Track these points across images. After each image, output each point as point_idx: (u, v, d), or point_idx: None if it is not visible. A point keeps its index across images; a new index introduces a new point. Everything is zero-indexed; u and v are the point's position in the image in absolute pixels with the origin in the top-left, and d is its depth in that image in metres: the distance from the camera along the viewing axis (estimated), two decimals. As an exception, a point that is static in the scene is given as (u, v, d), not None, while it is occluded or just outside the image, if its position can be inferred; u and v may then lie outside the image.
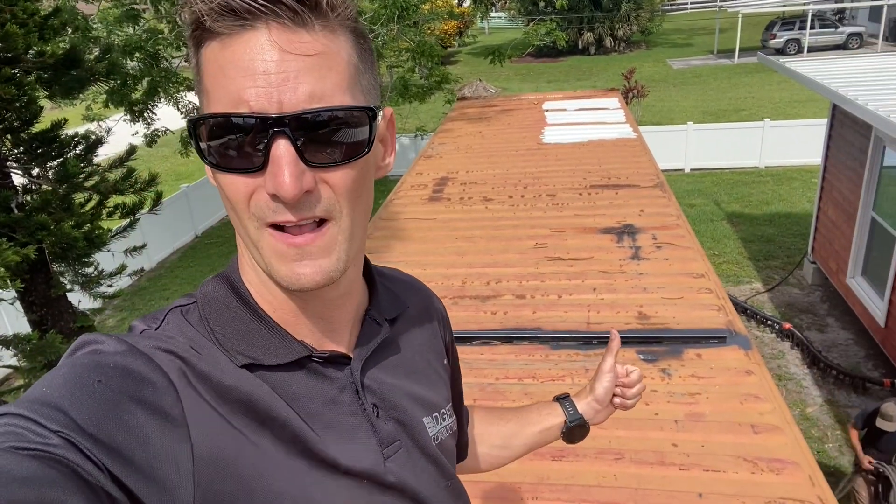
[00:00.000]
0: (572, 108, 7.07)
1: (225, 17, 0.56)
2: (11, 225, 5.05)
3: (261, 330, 0.67)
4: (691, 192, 11.72)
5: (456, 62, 28.30)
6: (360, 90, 0.63)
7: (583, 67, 26.09)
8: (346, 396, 0.71)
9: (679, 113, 17.17)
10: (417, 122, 12.91)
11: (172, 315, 0.67)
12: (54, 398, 0.51)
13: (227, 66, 0.57)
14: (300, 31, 0.57)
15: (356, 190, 0.63)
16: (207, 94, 0.60)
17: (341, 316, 0.73)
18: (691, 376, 2.44)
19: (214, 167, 0.60)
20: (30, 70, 5.16)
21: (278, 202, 0.58)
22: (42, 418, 0.49)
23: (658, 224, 3.82)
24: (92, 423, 0.50)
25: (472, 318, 2.96)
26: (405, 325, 0.83)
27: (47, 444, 0.47)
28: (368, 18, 9.74)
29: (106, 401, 0.52)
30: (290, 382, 0.67)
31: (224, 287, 0.70)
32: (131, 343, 0.59)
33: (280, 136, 0.57)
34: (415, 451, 0.77)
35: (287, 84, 0.56)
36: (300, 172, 0.57)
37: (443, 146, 5.98)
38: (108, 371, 0.55)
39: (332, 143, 0.60)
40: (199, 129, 0.60)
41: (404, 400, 0.77)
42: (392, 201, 4.57)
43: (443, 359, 0.90)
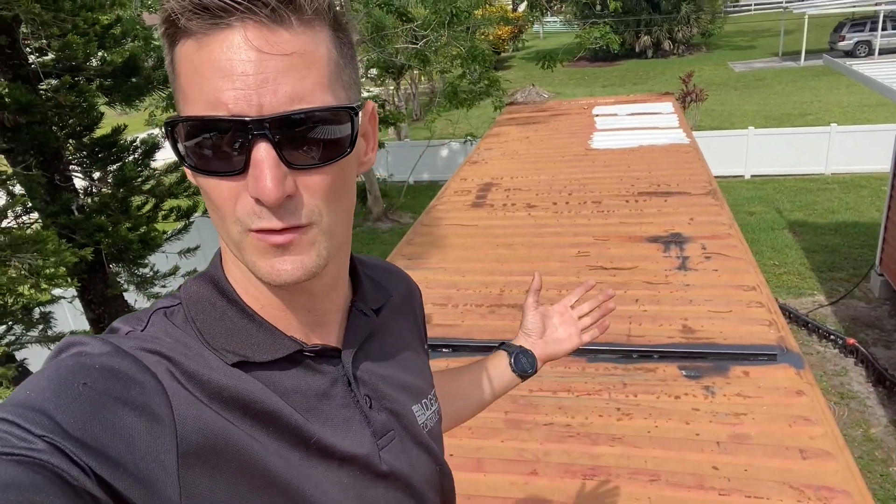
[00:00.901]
0: (623, 112, 6.90)
1: (199, 16, 0.54)
2: (71, 226, 5.27)
3: (249, 327, 0.67)
4: (751, 200, 11.29)
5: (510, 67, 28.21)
6: (342, 86, 0.61)
7: (639, 71, 25.59)
8: (338, 389, 0.71)
9: (740, 117, 16.61)
10: (468, 127, 12.90)
11: (156, 317, 0.66)
12: (38, 401, 0.50)
13: (204, 66, 0.55)
14: (278, 29, 0.55)
15: (338, 190, 0.62)
16: (184, 95, 0.58)
17: (329, 308, 0.72)
18: (737, 395, 2.31)
19: (195, 170, 0.59)
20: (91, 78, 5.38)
21: (262, 206, 0.57)
22: (26, 422, 0.48)
23: (708, 233, 3.66)
24: (77, 426, 0.50)
25: (508, 328, 2.89)
26: (390, 314, 0.84)
27: (31, 449, 0.47)
28: (419, 24, 9.80)
29: (91, 403, 0.52)
30: (281, 378, 0.67)
31: (208, 286, 0.69)
32: (116, 344, 0.58)
33: (261, 139, 0.55)
34: (407, 439, 0.77)
35: (266, 86, 0.54)
36: (282, 175, 0.56)
37: (489, 151, 5.93)
38: (93, 373, 0.54)
39: (313, 145, 0.58)
40: (177, 131, 0.58)
41: (395, 390, 0.78)
42: (434, 207, 4.55)
43: (424, 344, 0.92)
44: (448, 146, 13.82)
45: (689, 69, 16.40)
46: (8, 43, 4.91)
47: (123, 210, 5.73)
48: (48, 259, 4.33)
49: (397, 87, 16.93)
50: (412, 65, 11.05)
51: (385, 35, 10.32)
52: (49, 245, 4.35)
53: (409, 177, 13.62)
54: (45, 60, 5.15)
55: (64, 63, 5.07)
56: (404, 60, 10.88)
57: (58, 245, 4.41)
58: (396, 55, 10.67)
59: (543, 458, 2.10)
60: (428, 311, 3.08)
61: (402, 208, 12.51)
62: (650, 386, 2.43)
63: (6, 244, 4.28)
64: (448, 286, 3.32)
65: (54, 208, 5.28)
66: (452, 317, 3.02)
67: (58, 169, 5.53)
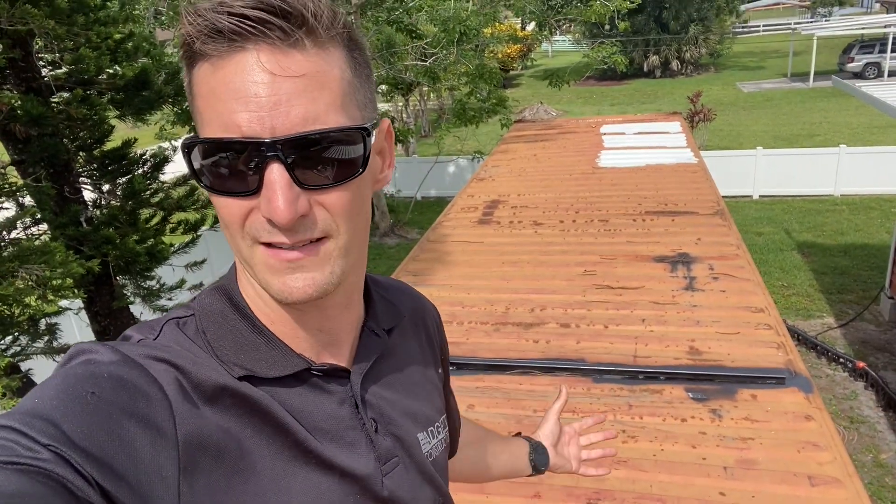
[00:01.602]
0: (631, 131, 6.90)
1: (214, 39, 0.55)
2: (79, 238, 5.29)
3: (259, 342, 0.67)
4: (759, 220, 11.24)
5: (518, 85, 28.35)
6: (356, 105, 0.61)
7: (647, 90, 25.65)
8: (345, 411, 0.70)
9: (748, 137, 16.58)
10: (476, 144, 12.94)
11: (168, 327, 0.66)
12: (46, 410, 0.50)
13: (218, 88, 0.56)
14: (291, 51, 0.56)
15: (353, 209, 0.63)
16: (200, 116, 0.59)
17: (340, 328, 0.72)
18: (744, 419, 2.28)
19: (209, 189, 0.60)
20: (102, 91, 5.43)
21: (273, 226, 0.58)
22: (33, 431, 0.48)
23: (716, 254, 3.64)
24: (84, 435, 0.50)
25: (513, 346, 2.87)
26: (402, 335, 0.83)
27: (37, 459, 0.47)
28: (429, 42, 9.87)
29: (99, 413, 0.52)
30: (288, 396, 0.66)
31: (222, 299, 0.69)
32: (125, 352, 0.58)
33: (273, 161, 0.56)
34: (412, 467, 0.76)
35: (279, 108, 0.55)
36: (295, 197, 0.57)
37: (496, 168, 5.93)
38: (101, 382, 0.54)
39: (326, 165, 0.59)
40: (193, 152, 0.60)
41: (401, 415, 0.77)
42: (441, 223, 4.54)
43: (438, 367, 0.90)
44: (456, 163, 13.86)
45: (697, 89, 16.43)
46: (22, 56, 4.97)
47: (131, 223, 5.75)
48: (55, 270, 4.34)
49: (406, 103, 17.03)
50: (421, 81, 11.12)
51: (395, 52, 10.40)
52: (57, 256, 4.36)
53: (416, 192, 13.65)
54: (57, 74, 5.21)
55: (76, 76, 5.13)
56: (413, 77, 10.94)
57: (65, 256, 4.42)
58: (406, 72, 10.75)
59: (546, 480, 2.07)
60: (432, 329, 3.07)
61: (409, 224, 12.52)
62: (656, 408, 2.39)
63: (14, 255, 4.30)
64: (453, 303, 3.30)
65: (63, 220, 5.30)
66: (457, 334, 3.00)
67: (67, 181, 5.57)
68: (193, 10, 0.56)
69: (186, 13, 0.56)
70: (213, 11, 0.55)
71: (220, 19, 0.54)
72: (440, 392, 0.89)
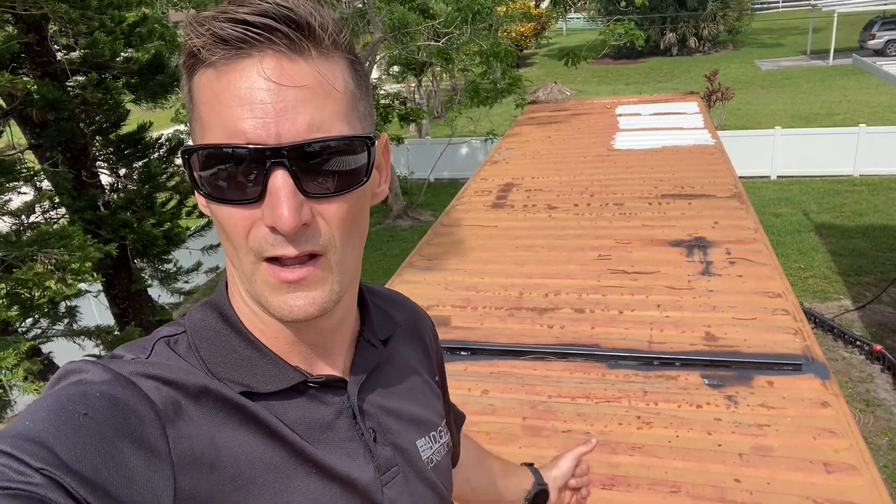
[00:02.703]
0: (647, 112, 6.82)
1: (219, 47, 0.55)
2: (97, 222, 5.35)
3: (254, 357, 0.66)
4: (777, 201, 11.11)
5: (532, 64, 28.05)
6: (357, 117, 0.61)
7: (664, 69, 25.28)
8: (342, 421, 0.70)
9: (766, 117, 16.34)
10: (489, 125, 12.86)
11: (159, 345, 0.65)
12: (37, 432, 0.49)
13: (223, 95, 0.56)
14: (297, 59, 0.56)
15: (352, 220, 0.62)
16: (202, 123, 0.58)
17: (336, 340, 0.72)
18: (760, 406, 2.27)
19: (209, 198, 0.59)
20: (117, 75, 5.44)
21: (277, 234, 0.57)
22: (24, 455, 0.47)
23: (733, 238, 3.60)
24: (76, 458, 0.49)
25: (527, 332, 2.87)
26: (398, 345, 0.83)
27: (28, 483, 0.46)
28: (441, 22, 9.78)
29: (91, 434, 0.51)
30: (285, 409, 0.66)
31: (213, 315, 0.68)
32: (117, 371, 0.57)
33: (278, 168, 0.56)
34: (412, 476, 0.76)
35: (285, 114, 0.55)
36: (299, 204, 0.57)
37: (510, 151, 5.90)
38: (93, 402, 0.53)
39: (330, 174, 0.58)
40: (193, 159, 0.58)
41: (400, 423, 0.77)
42: (454, 207, 4.53)
43: (435, 375, 0.90)
44: (469, 144, 13.79)
45: (714, 67, 16.18)
46: (37, 41, 4.99)
47: (148, 206, 5.80)
48: (74, 254, 4.40)
49: (419, 83, 16.92)
50: (434, 62, 11.04)
51: (407, 32, 10.31)
52: (75, 240, 4.42)
53: (429, 174, 13.62)
54: (72, 58, 5.23)
55: (91, 60, 5.14)
56: (426, 57, 10.86)
57: (84, 240, 4.48)
58: (418, 52, 10.67)
59: (561, 465, 2.09)
60: (447, 314, 3.08)
61: (422, 206, 12.52)
62: (671, 394, 2.39)
63: (33, 239, 4.36)
64: (467, 288, 3.31)
65: (81, 204, 5.36)
66: (471, 319, 3.01)
67: (84, 165, 5.61)
68: (197, 19, 0.56)
69: (190, 24, 0.56)
70: (218, 20, 0.54)
71: (225, 27, 0.54)
72: (440, 398, 0.88)
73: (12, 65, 5.04)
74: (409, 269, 3.61)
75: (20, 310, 4.98)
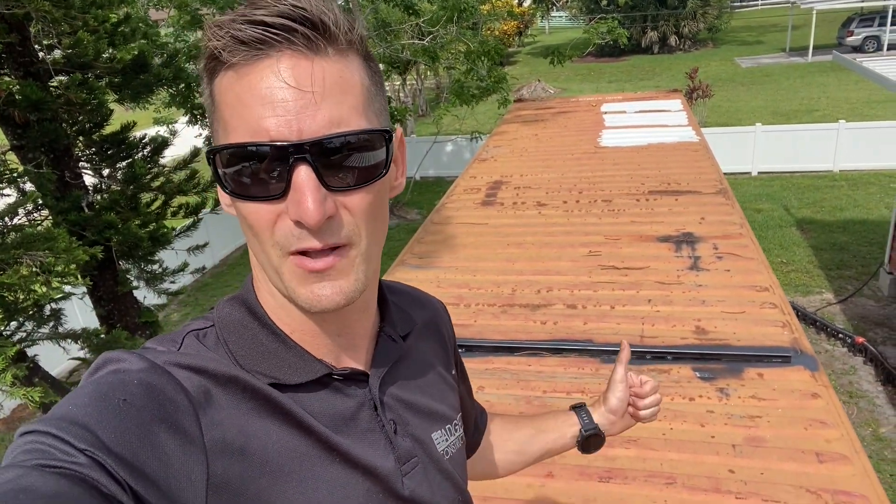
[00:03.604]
0: (632, 110, 6.88)
1: (239, 49, 0.57)
2: (82, 223, 5.29)
3: (280, 350, 0.68)
4: (758, 197, 11.25)
5: (515, 62, 28.13)
6: (374, 112, 0.63)
7: (646, 67, 25.48)
8: (364, 413, 0.72)
9: (747, 113, 16.52)
10: (475, 123, 12.88)
11: (189, 339, 0.67)
12: (81, 416, 0.52)
13: (245, 95, 0.57)
14: (315, 57, 0.58)
15: (374, 212, 0.64)
16: (225, 124, 0.60)
17: (358, 333, 0.74)
18: (752, 397, 2.31)
19: (235, 195, 0.61)
20: (101, 75, 5.38)
21: (302, 228, 0.59)
22: (69, 436, 0.50)
23: (720, 233, 3.65)
24: (117, 441, 0.51)
25: (521, 328, 2.89)
26: (416, 340, 0.85)
27: (74, 463, 0.48)
28: (427, 20, 9.77)
29: (131, 419, 0.53)
30: (310, 400, 0.68)
31: (241, 309, 0.70)
32: (152, 360, 0.60)
33: (301, 163, 0.57)
34: (430, 466, 0.78)
35: (306, 111, 0.57)
36: (323, 198, 0.58)
37: (497, 149, 5.92)
38: (132, 389, 0.56)
39: (351, 167, 0.60)
40: (218, 159, 0.60)
41: (419, 416, 0.79)
42: (444, 205, 4.54)
43: (451, 368, 0.92)
44: (455, 142, 13.80)
45: (695, 65, 16.34)
46: (19, 41, 4.92)
47: (133, 207, 5.74)
48: (59, 257, 4.34)
49: (403, 82, 16.90)
50: (419, 60, 11.03)
51: (392, 30, 10.30)
52: (60, 243, 4.36)
53: (415, 173, 13.61)
54: (55, 58, 5.16)
55: (74, 60, 5.08)
56: (411, 56, 10.85)
57: (69, 242, 4.42)
58: (403, 50, 10.65)
59: (559, 460, 2.10)
60: (440, 311, 3.09)
61: (409, 204, 12.52)
62: (664, 388, 2.42)
63: (18, 242, 4.29)
64: (460, 286, 3.32)
65: (65, 205, 5.29)
66: (465, 316, 3.02)
67: (68, 166, 5.54)
68: (216, 23, 0.57)
69: (209, 27, 0.58)
70: (237, 22, 0.56)
71: (244, 29, 0.56)
72: (455, 391, 0.91)
73: (-7, 65, 4.98)
74: (402, 267, 3.61)
75: (5, 313, 4.91)
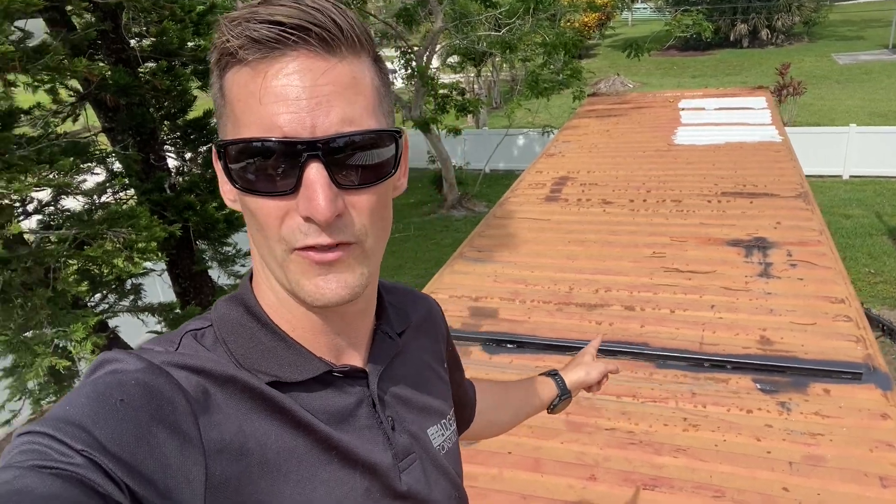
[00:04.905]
0: (712, 107, 6.62)
1: (255, 46, 0.57)
2: (163, 204, 5.57)
3: (279, 348, 0.68)
4: (848, 202, 10.60)
5: (595, 55, 27.52)
6: (384, 113, 0.64)
7: (733, 62, 24.38)
8: (363, 410, 0.72)
9: (841, 113, 15.56)
10: (548, 117, 12.71)
11: (186, 339, 0.67)
12: (78, 417, 0.52)
13: (259, 91, 0.58)
14: (329, 57, 0.59)
15: (380, 211, 0.65)
16: (236, 119, 0.60)
17: (358, 331, 0.74)
18: (815, 414, 2.19)
19: (244, 190, 0.61)
20: (185, 63, 5.63)
21: (311, 224, 0.59)
22: (66, 437, 0.50)
23: (795, 239, 3.47)
24: (115, 442, 0.51)
25: (575, 327, 2.85)
26: (411, 337, 0.85)
27: (70, 464, 0.48)
28: (505, 11, 9.70)
29: (128, 420, 0.53)
30: (310, 398, 0.68)
31: (239, 308, 0.70)
32: (150, 360, 0.60)
33: (313, 160, 0.58)
34: (427, 462, 0.79)
35: (319, 109, 0.58)
36: (334, 195, 0.59)
37: (566, 144, 5.82)
38: (129, 389, 0.55)
39: (361, 166, 0.61)
40: (228, 152, 0.60)
41: (415, 412, 0.80)
42: (508, 199, 4.52)
43: (444, 363, 0.93)
44: (526, 135, 13.67)
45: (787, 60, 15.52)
46: (112, 28, 5.21)
47: (211, 190, 5.98)
48: (141, 234, 4.59)
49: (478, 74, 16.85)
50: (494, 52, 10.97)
51: (469, 21, 10.27)
52: (142, 220, 4.61)
53: (485, 165, 13.58)
54: (143, 45, 5.44)
55: (160, 48, 5.34)
56: (487, 47, 10.80)
57: (150, 221, 4.66)
58: (479, 42, 10.61)
59: (603, 463, 2.07)
60: (495, 306, 3.08)
61: (477, 197, 12.50)
62: (721, 397, 2.34)
63: (104, 218, 4.57)
64: (517, 281, 3.30)
65: (148, 186, 5.58)
66: (519, 312, 3.00)
67: (153, 149, 5.84)
68: (231, 19, 0.58)
69: (224, 23, 0.58)
70: (252, 21, 0.57)
71: (260, 28, 0.56)
72: (448, 386, 0.91)
73: (89, 51, 5.28)
74: (460, 260, 3.62)
75: (90, 285, 5.25)
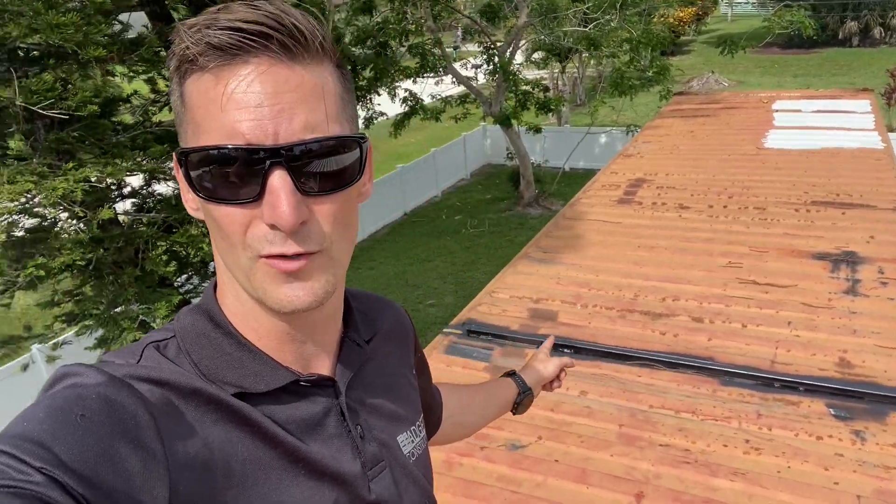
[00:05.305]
0: (808, 109, 6.23)
1: (215, 53, 0.57)
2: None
3: (245, 358, 0.67)
4: (963, 215, 9.72)
5: (689, 52, 26.49)
6: (347, 119, 0.64)
7: (840, 61, 22.85)
8: (331, 419, 0.71)
9: (961, 118, 14.29)
10: (633, 115, 12.35)
11: (148, 350, 0.66)
12: (36, 433, 0.50)
13: (220, 98, 0.57)
14: (291, 63, 0.58)
15: (346, 217, 0.64)
16: (196, 127, 0.60)
17: (325, 339, 0.73)
18: (892, 445, 2.03)
19: (208, 199, 0.60)
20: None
21: (276, 231, 0.59)
22: (24, 454, 0.48)
23: (890, 255, 3.22)
24: (74, 457, 0.50)
25: (637, 336, 2.75)
26: (379, 344, 0.84)
27: (29, 482, 0.47)
28: (592, 5, 9.50)
29: (89, 434, 0.51)
30: (276, 408, 0.67)
31: (202, 318, 0.69)
32: (111, 373, 0.58)
33: (277, 167, 0.57)
34: (397, 470, 0.78)
35: (282, 116, 0.57)
36: (298, 202, 0.58)
37: (646, 145, 5.63)
38: (89, 404, 0.54)
39: (325, 173, 0.60)
40: (190, 160, 0.60)
41: (385, 419, 0.79)
42: (579, 200, 4.42)
43: (412, 369, 0.91)
44: (609, 134, 13.34)
45: (901, 60, 14.37)
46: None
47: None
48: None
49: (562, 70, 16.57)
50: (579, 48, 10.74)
51: (555, 17, 10.11)
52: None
53: (564, 163, 13.37)
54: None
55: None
56: (572, 43, 10.61)
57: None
58: (564, 38, 10.43)
59: (653, 480, 1.99)
60: (555, 308, 3.03)
61: (554, 195, 12.33)
62: (789, 421, 2.20)
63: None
64: (580, 284, 3.23)
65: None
66: (579, 317, 2.93)
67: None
68: (190, 25, 0.57)
69: (183, 29, 0.58)
70: (213, 27, 0.56)
71: (220, 35, 0.56)
72: (418, 392, 0.90)
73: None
74: (524, 260, 3.58)
75: (177, 266, 5.55)
